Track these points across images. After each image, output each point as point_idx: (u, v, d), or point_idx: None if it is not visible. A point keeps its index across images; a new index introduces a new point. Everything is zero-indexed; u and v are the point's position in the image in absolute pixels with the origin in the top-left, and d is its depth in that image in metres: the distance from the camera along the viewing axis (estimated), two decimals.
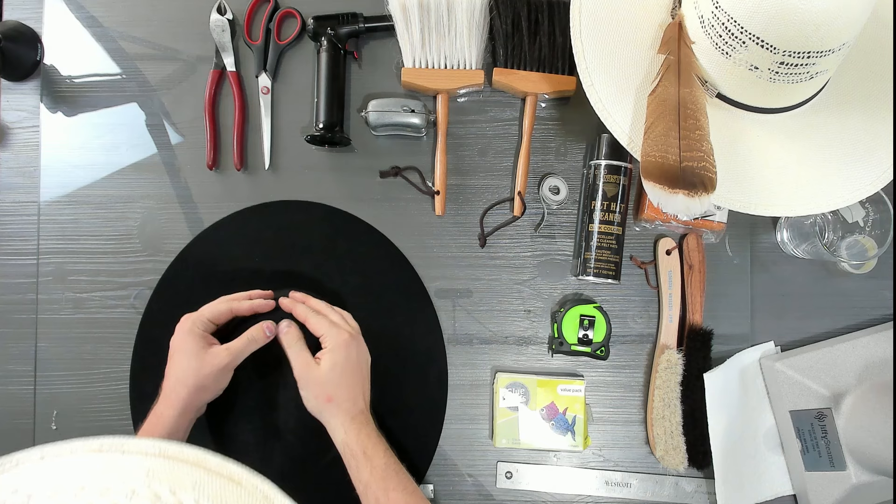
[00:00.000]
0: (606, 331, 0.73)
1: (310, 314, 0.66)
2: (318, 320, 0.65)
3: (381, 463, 0.60)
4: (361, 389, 0.64)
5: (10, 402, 0.75)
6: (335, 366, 0.63)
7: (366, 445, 0.61)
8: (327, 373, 0.62)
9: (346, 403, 0.62)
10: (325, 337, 0.64)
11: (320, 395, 0.63)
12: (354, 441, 0.61)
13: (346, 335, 0.64)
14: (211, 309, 0.65)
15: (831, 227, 0.76)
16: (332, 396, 0.62)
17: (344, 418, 0.62)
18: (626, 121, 0.66)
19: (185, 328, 0.63)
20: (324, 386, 0.62)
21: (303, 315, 0.66)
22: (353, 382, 0.63)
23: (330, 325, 0.64)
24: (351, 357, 0.64)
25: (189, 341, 0.62)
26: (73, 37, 0.78)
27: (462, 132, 0.78)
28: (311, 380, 0.63)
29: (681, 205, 0.60)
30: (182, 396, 0.60)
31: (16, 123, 0.78)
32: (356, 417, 0.62)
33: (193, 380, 0.61)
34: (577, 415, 0.73)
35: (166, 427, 0.60)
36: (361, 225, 0.76)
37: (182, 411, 0.60)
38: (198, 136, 0.77)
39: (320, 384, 0.63)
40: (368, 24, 0.76)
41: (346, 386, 0.63)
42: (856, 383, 0.70)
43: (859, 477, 0.69)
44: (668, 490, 0.74)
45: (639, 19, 0.68)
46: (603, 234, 0.73)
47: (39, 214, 0.77)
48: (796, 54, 0.57)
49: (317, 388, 0.63)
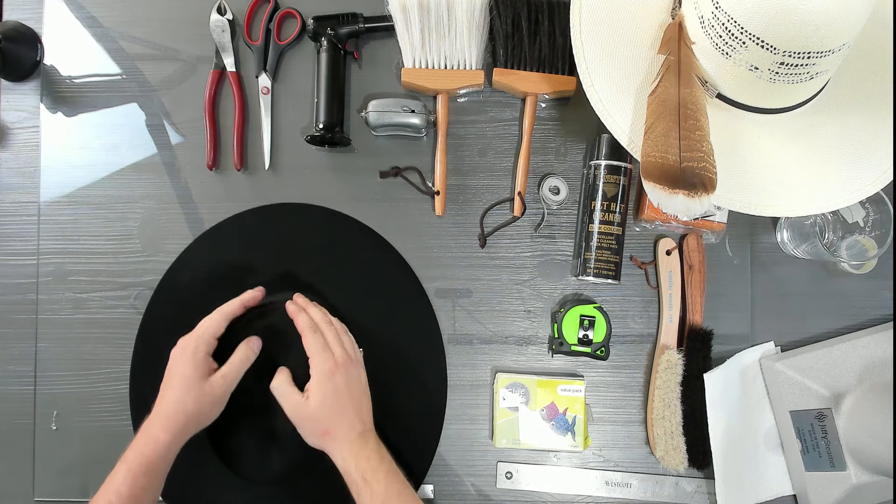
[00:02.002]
0: (606, 331, 0.73)
1: (307, 330, 0.65)
2: (312, 340, 0.65)
3: (381, 489, 0.60)
4: (356, 413, 0.64)
5: (10, 402, 0.75)
6: (325, 399, 0.62)
7: (364, 471, 0.60)
8: (317, 409, 0.62)
9: (341, 432, 0.62)
10: (312, 362, 0.64)
11: (316, 430, 0.63)
12: (353, 468, 0.61)
13: (331, 363, 0.63)
14: (210, 323, 0.65)
15: (831, 227, 0.77)
16: (327, 430, 0.62)
17: (342, 446, 0.62)
18: (626, 121, 0.66)
19: (189, 349, 0.63)
20: (317, 422, 0.63)
21: (301, 328, 0.66)
22: (345, 410, 0.63)
23: (319, 350, 0.64)
24: (339, 386, 0.63)
25: (190, 367, 0.62)
26: (73, 37, 0.78)
27: (462, 132, 0.78)
28: (304, 418, 0.63)
29: (681, 205, 0.60)
30: (181, 422, 0.60)
31: (16, 123, 0.78)
32: (354, 442, 0.62)
33: (193, 408, 0.61)
34: (577, 415, 0.73)
35: (160, 453, 0.59)
36: (360, 227, 0.76)
37: (176, 437, 0.60)
38: (198, 136, 0.77)
39: (314, 421, 0.63)
40: (368, 25, 0.76)
41: (339, 415, 0.63)
42: (856, 383, 0.70)
43: (859, 477, 0.69)
44: (668, 490, 0.74)
45: (639, 19, 0.68)
46: (603, 235, 0.73)
47: (39, 214, 0.77)
48: (796, 54, 0.57)
49: (311, 424, 0.63)
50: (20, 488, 0.74)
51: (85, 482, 0.74)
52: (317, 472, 0.66)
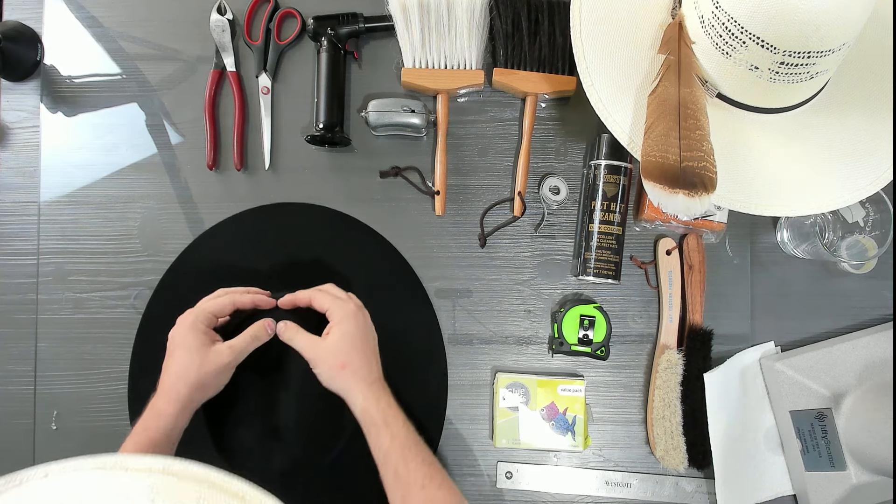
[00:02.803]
0: (606, 331, 0.73)
1: (314, 292, 0.65)
2: (322, 296, 0.64)
3: (401, 433, 0.59)
4: (374, 357, 0.64)
5: (10, 402, 0.75)
6: (345, 334, 0.62)
7: (386, 413, 0.60)
8: (337, 342, 0.62)
9: (361, 370, 0.62)
10: (332, 310, 0.64)
11: (333, 364, 0.62)
12: (374, 408, 0.60)
13: (353, 306, 0.64)
14: (213, 303, 0.64)
15: (831, 227, 0.76)
16: (345, 363, 0.61)
17: (361, 385, 0.61)
18: (626, 121, 0.66)
19: (188, 322, 0.62)
20: (336, 355, 0.62)
21: (306, 296, 0.65)
22: (365, 349, 0.63)
23: (334, 299, 0.64)
24: (360, 325, 0.63)
25: (191, 337, 0.61)
26: (73, 37, 0.78)
27: (462, 132, 0.78)
28: (321, 352, 0.62)
29: (681, 205, 0.60)
30: (182, 393, 0.59)
31: (16, 123, 0.78)
32: (373, 384, 0.62)
33: (195, 377, 0.60)
34: (577, 415, 0.73)
35: (165, 425, 0.59)
36: (359, 226, 0.76)
37: (181, 408, 0.59)
38: (198, 136, 0.77)
39: (332, 353, 0.62)
40: (368, 24, 0.76)
41: (359, 352, 0.62)
42: (856, 383, 0.70)
43: (859, 477, 0.69)
44: (668, 490, 0.74)
45: (639, 19, 0.68)
46: (603, 234, 0.73)
47: (39, 214, 0.77)
48: (796, 54, 0.57)
49: (329, 357, 0.62)
50: None
51: None
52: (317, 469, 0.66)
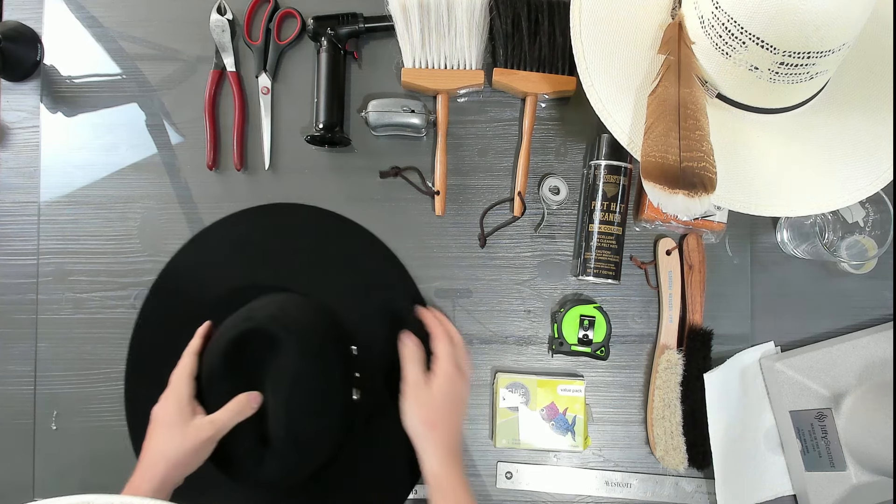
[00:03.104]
0: (606, 331, 0.73)
1: (443, 336, 0.67)
2: (446, 345, 0.67)
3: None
4: (460, 425, 0.67)
5: (10, 402, 0.75)
6: (444, 394, 0.64)
7: (456, 487, 0.62)
8: (434, 398, 0.64)
9: (445, 435, 0.64)
10: (438, 361, 0.66)
11: (425, 418, 0.64)
12: (446, 478, 0.62)
13: (455, 368, 0.66)
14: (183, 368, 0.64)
15: (831, 227, 0.77)
16: (435, 423, 0.64)
17: (442, 451, 0.63)
18: (626, 121, 0.66)
19: (169, 396, 0.63)
20: (429, 410, 0.64)
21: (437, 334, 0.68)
22: (454, 414, 0.66)
23: (449, 355, 0.66)
24: (457, 391, 0.66)
25: (172, 410, 0.62)
26: (73, 37, 0.78)
27: (462, 132, 0.78)
28: (419, 399, 0.65)
29: (681, 205, 0.60)
30: (161, 472, 0.59)
31: (16, 123, 0.78)
32: (454, 453, 0.64)
33: (174, 455, 0.60)
34: (577, 415, 0.73)
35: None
36: (353, 226, 0.76)
37: (158, 487, 0.59)
38: (198, 136, 0.77)
39: (426, 406, 0.64)
40: (368, 24, 0.76)
41: (449, 416, 0.65)
42: (856, 383, 0.70)
43: (859, 477, 0.69)
44: (668, 490, 0.74)
45: (639, 19, 0.68)
46: (603, 235, 0.73)
47: (39, 214, 0.77)
48: (796, 55, 0.57)
49: (423, 409, 0.65)
50: (20, 488, 0.74)
51: (85, 482, 0.74)
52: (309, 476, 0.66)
